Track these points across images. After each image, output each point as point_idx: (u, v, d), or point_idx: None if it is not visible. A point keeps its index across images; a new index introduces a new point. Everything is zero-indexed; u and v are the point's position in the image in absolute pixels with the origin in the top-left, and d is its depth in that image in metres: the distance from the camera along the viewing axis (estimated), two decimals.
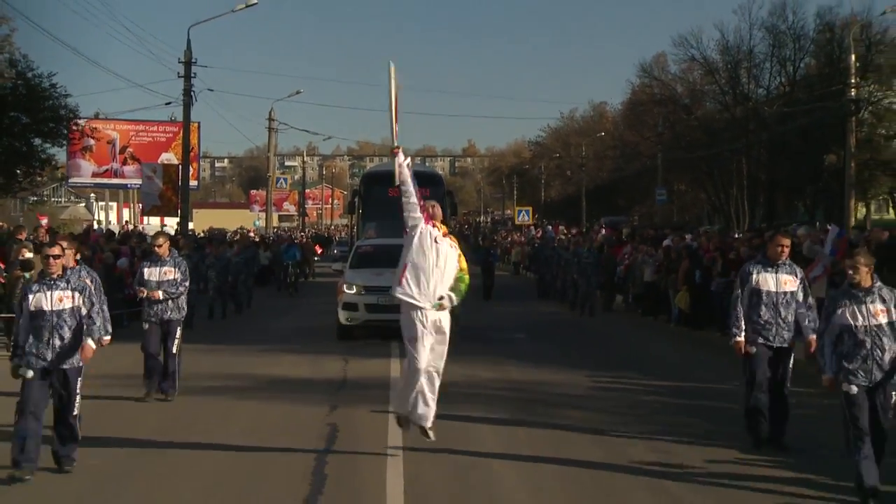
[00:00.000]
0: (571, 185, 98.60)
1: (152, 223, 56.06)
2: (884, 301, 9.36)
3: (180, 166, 45.80)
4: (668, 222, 51.89)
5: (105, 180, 58.02)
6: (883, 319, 9.31)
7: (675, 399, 15.60)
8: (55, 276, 10.48)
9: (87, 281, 11.56)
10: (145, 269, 15.07)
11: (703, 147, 58.94)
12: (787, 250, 11.53)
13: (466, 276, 10.74)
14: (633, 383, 17.17)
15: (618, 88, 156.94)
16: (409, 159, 10.90)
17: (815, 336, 10.94)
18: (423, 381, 10.50)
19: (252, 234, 52.22)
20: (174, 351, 14.96)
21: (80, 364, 10.58)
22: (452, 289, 10.40)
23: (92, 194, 72.96)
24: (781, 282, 11.31)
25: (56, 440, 10.71)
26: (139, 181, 53.79)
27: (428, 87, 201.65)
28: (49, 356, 10.32)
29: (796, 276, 11.45)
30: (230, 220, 78.11)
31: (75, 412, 10.66)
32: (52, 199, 54.58)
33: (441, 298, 10.26)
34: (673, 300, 25.99)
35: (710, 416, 14.15)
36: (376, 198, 28.92)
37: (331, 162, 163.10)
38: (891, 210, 53.26)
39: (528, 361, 19.44)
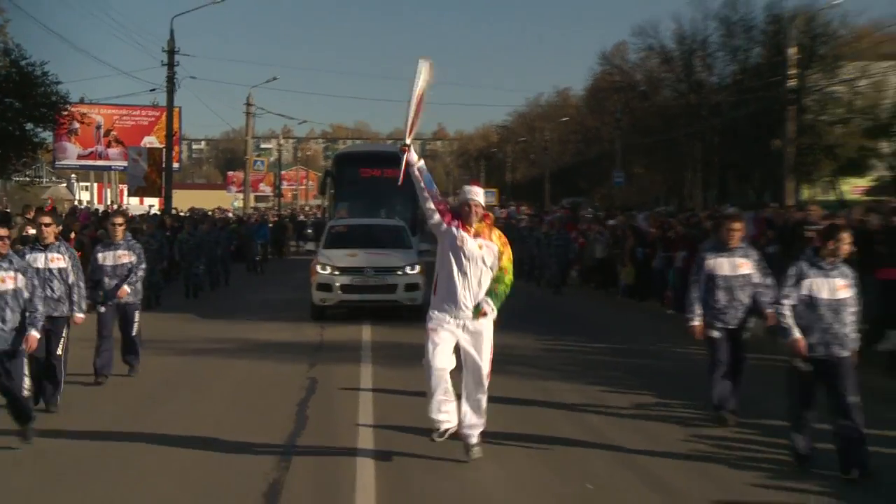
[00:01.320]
0: (536, 168, 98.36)
1: (132, 203, 56.89)
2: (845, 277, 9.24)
3: (164, 149, 46.78)
4: (626, 203, 52.81)
5: (90, 162, 58.05)
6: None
7: (612, 358, 16.63)
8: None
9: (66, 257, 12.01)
10: (99, 255, 14.14)
11: (659, 132, 59.14)
12: (738, 234, 11.26)
13: (507, 276, 9.27)
14: (578, 345, 18.11)
15: (581, 75, 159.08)
16: (422, 161, 9.54)
17: (771, 311, 10.62)
18: (464, 389, 9.36)
19: (230, 214, 52.80)
20: (133, 334, 14.21)
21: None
22: (490, 292, 9.10)
23: (73, 175, 73.27)
24: (736, 265, 11.09)
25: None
26: (123, 163, 54.46)
27: (397, 75, 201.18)
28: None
29: (749, 258, 11.22)
30: (208, 200, 77.83)
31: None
32: (34, 179, 54.41)
33: (478, 307, 9.03)
34: (619, 274, 26.94)
35: (642, 372, 15.05)
36: (348, 178, 29.06)
37: (305, 144, 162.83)
38: (832, 192, 54.18)
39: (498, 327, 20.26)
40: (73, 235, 20.67)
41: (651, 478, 9.23)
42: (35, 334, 10.00)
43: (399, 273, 20.70)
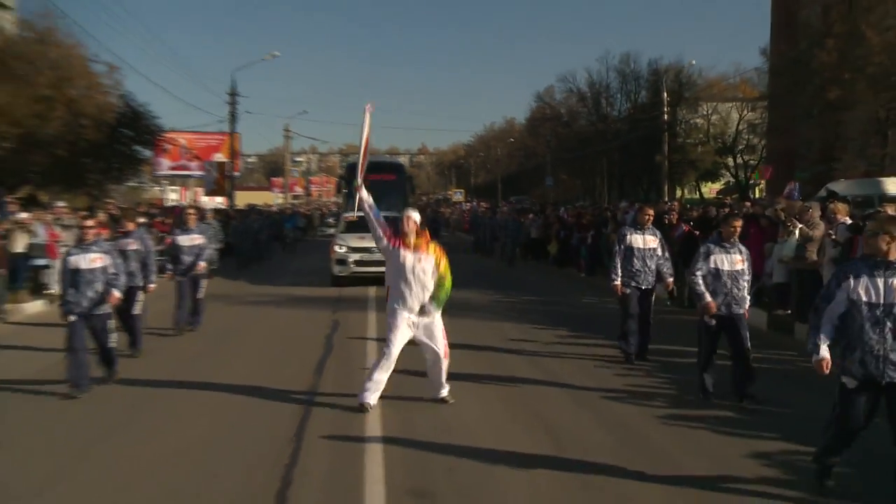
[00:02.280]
0: (491, 174, 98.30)
1: (205, 200, 56.93)
2: (741, 252, 8.81)
3: (227, 163, 47.09)
4: (555, 200, 53.14)
5: (177, 172, 57.85)
6: (739, 267, 8.71)
7: (539, 307, 16.65)
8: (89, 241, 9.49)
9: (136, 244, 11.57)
10: (178, 237, 13.52)
11: (577, 150, 59.21)
12: (650, 218, 10.90)
13: (447, 282, 8.49)
14: (515, 297, 18.23)
15: (522, 108, 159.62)
16: (370, 197, 8.76)
17: (672, 279, 11.12)
18: (429, 370, 8.59)
19: (274, 209, 52.83)
20: (200, 297, 13.64)
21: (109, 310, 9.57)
22: (432, 298, 8.35)
23: (164, 181, 73.22)
24: (647, 241, 10.69)
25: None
26: (200, 172, 54.97)
27: (392, 108, 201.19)
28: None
29: (656, 236, 10.85)
30: (258, 198, 77.80)
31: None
32: (139, 185, 54.69)
33: (422, 309, 8.33)
34: (549, 249, 27.00)
35: (559, 316, 15.09)
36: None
37: (326, 158, 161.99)
38: (697, 192, 54.81)
39: (454, 286, 20.66)
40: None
41: (581, 397, 9.06)
42: (116, 293, 9.44)
43: None
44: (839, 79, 29.11)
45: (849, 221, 11.79)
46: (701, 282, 8.70)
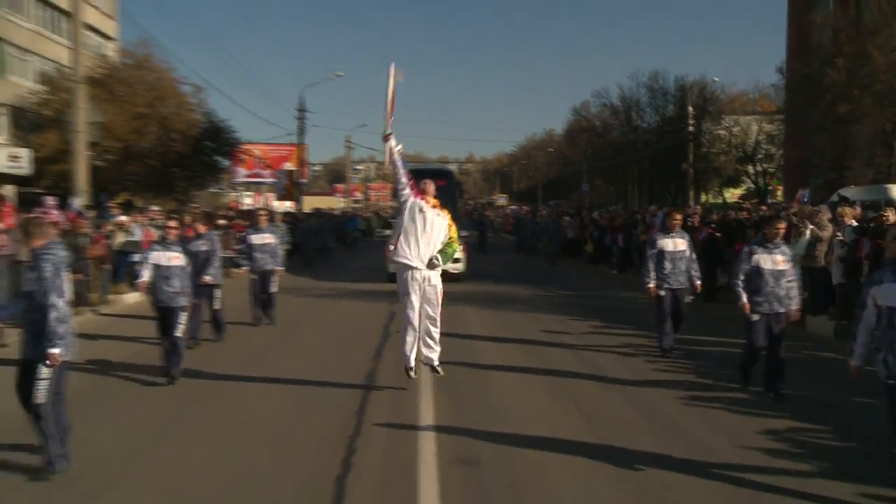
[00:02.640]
0: (532, 181, 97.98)
1: (276, 204, 57.67)
2: (784, 254, 8.27)
3: (296, 171, 47.71)
4: (590, 204, 53.02)
5: (252, 179, 58.27)
6: (782, 267, 8.18)
7: (576, 301, 16.67)
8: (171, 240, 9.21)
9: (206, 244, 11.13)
10: (251, 237, 13.15)
11: (610, 159, 58.98)
12: (678, 222, 10.40)
13: (455, 244, 8.32)
14: (554, 292, 18.27)
15: (561, 120, 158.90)
16: (400, 145, 8.26)
17: (699, 282, 10.43)
18: (421, 329, 8.24)
19: (337, 212, 53.30)
20: (272, 291, 13.17)
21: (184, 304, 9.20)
22: (441, 252, 8.10)
23: (240, 188, 74.26)
24: (677, 244, 10.15)
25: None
26: (273, 180, 55.61)
27: (443, 120, 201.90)
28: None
29: (685, 239, 10.31)
30: (323, 203, 78.71)
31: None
32: (219, 190, 55.81)
33: (431, 259, 8.03)
34: (584, 248, 26.95)
35: (594, 309, 15.21)
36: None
37: (384, 166, 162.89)
38: (720, 198, 54.34)
39: (500, 282, 20.24)
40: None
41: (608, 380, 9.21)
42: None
43: None
44: (848, 95, 28.80)
45: (854, 224, 11.72)
46: (741, 283, 8.27)
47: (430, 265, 8.06)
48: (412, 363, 8.21)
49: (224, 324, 11.71)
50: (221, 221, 22.17)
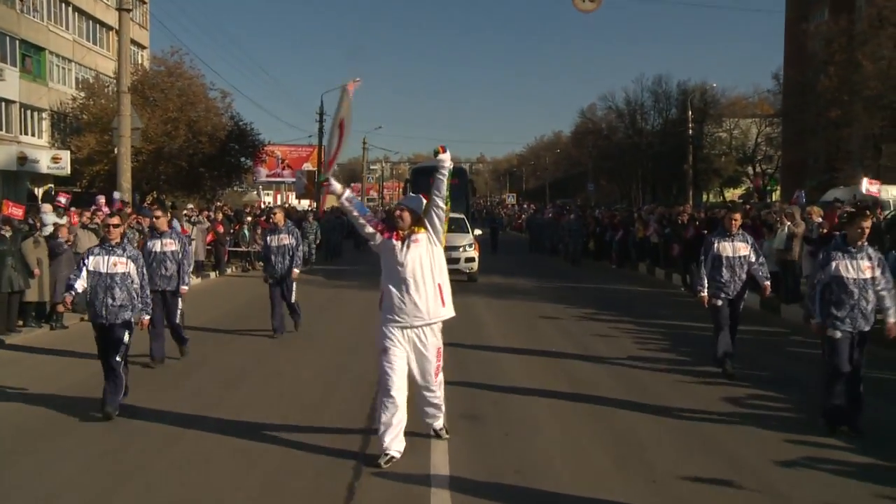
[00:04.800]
0: (540, 180, 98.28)
1: (294, 203, 58.68)
2: (870, 258, 6.73)
3: (315, 171, 48.79)
4: (596, 203, 53.60)
5: (273, 179, 59.00)
6: (868, 274, 6.63)
7: (581, 292, 17.23)
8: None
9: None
10: (267, 237, 11.74)
11: (615, 159, 59.41)
12: (737, 223, 8.92)
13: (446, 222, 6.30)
14: (558, 285, 18.80)
15: (568, 122, 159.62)
16: (347, 190, 6.04)
17: (768, 283, 8.96)
18: (416, 396, 6.21)
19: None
20: (292, 300, 11.61)
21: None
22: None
23: (261, 187, 75.29)
24: (737, 248, 8.72)
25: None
26: (292, 179, 56.77)
27: (455, 124, 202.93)
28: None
29: (747, 242, 8.83)
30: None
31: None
32: (241, 189, 56.71)
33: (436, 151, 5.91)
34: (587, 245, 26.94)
35: (599, 299, 15.80)
36: (420, 185, 23.57)
37: (398, 166, 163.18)
38: (721, 197, 54.87)
39: (511, 276, 20.71)
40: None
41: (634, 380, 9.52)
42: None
43: (461, 249, 18.61)
44: (839, 100, 29.66)
45: (821, 220, 12.54)
46: (818, 296, 6.82)
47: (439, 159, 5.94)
48: (391, 447, 5.90)
49: (184, 337, 10.01)
50: (248, 219, 23.07)
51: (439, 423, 6.44)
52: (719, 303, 8.77)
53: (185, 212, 21.27)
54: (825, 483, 5.60)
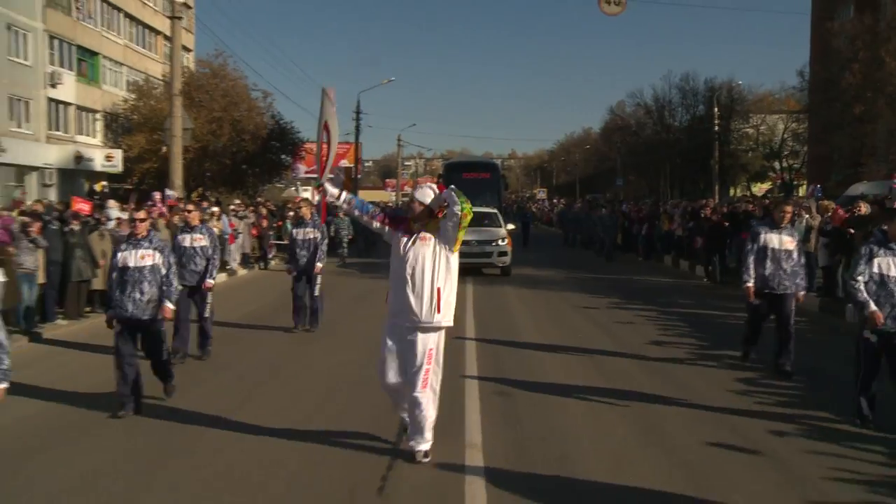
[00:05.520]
0: (570, 176, 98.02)
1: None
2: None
3: (352, 168, 49.52)
4: (625, 198, 53.79)
5: (311, 175, 60.30)
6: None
7: (606, 283, 17.52)
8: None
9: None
10: (293, 230, 11.57)
11: (644, 155, 59.24)
12: (789, 216, 8.71)
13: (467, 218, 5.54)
14: (586, 276, 19.16)
15: (597, 119, 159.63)
16: (343, 193, 6.06)
17: (802, 294, 8.53)
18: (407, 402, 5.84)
19: (390, 205, 54.56)
20: (316, 294, 11.28)
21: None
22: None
23: (298, 182, 76.34)
24: (784, 241, 8.36)
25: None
26: (331, 175, 57.51)
27: (487, 121, 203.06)
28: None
29: (794, 237, 8.53)
30: (375, 196, 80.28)
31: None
32: (281, 185, 57.79)
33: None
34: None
35: (625, 289, 16.25)
36: (453, 179, 25.27)
37: (431, 162, 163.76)
38: (748, 192, 54.58)
39: (540, 268, 20.98)
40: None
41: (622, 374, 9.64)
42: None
43: (494, 244, 18.41)
44: (863, 97, 29.66)
45: (829, 214, 12.75)
46: (863, 288, 6.59)
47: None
48: (418, 445, 5.79)
49: (210, 337, 9.70)
50: (290, 214, 23.67)
51: (422, 446, 5.73)
52: (758, 301, 8.52)
53: (231, 207, 21.99)
54: (864, 486, 5.37)
